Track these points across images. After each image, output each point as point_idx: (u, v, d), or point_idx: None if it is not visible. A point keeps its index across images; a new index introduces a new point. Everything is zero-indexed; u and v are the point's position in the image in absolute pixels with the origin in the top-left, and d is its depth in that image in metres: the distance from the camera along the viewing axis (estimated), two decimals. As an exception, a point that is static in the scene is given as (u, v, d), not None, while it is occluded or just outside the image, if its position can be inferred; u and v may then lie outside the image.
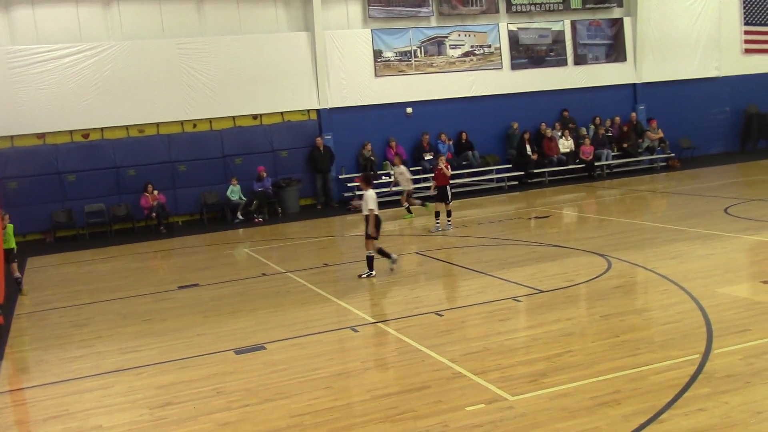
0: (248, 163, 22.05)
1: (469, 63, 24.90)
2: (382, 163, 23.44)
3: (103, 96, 20.73)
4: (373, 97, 23.65)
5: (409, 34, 24.09)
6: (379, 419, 6.54)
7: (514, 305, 10.08)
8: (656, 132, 26.32)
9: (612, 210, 18.69)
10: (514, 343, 8.40)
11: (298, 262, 14.30)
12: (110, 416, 7.19)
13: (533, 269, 12.09)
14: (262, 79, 22.31)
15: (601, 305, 9.71)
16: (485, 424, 6.25)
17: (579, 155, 24.91)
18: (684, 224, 14.91)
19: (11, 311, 12.12)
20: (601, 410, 6.34)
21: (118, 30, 21.09)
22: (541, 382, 7.07)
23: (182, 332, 10.24)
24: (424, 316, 9.80)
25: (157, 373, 8.37)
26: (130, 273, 15.10)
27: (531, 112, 25.34)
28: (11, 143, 20.27)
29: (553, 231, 15.99)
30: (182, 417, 7.00)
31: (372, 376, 7.76)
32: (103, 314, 11.49)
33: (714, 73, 28.37)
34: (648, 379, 6.95)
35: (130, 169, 21.07)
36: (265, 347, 8.98)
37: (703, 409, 6.20)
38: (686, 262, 11.74)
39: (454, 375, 7.49)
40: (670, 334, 8.27)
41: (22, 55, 20.01)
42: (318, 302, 11.17)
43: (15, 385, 8.65)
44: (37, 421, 7.38)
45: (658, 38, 27.35)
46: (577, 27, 26.27)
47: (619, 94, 27.13)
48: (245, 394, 7.45)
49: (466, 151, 24.23)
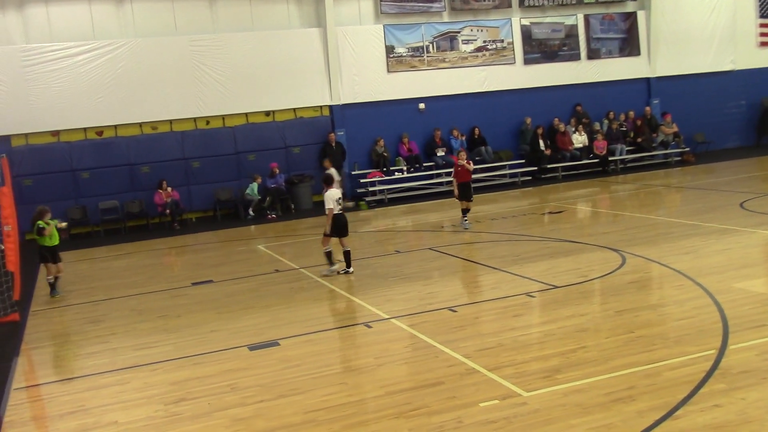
0: (261, 159, 22.09)
1: (481, 58, 24.81)
2: (394, 158, 23.42)
3: (117, 93, 20.83)
4: (385, 93, 23.62)
5: (421, 29, 24.04)
6: (393, 415, 6.54)
7: (528, 301, 10.05)
8: (671, 126, 26.13)
9: (626, 205, 18.58)
10: (528, 339, 8.37)
11: (311, 258, 14.32)
12: (126, 412, 7.23)
13: (547, 265, 12.05)
14: (274, 75, 22.33)
15: (615, 301, 9.67)
16: (499, 420, 6.24)
17: (593, 150, 24.78)
18: (699, 219, 14.82)
19: (27, 308, 12.22)
20: (615, 406, 6.31)
21: (131, 27, 21.17)
22: (555, 378, 7.05)
23: (196, 328, 10.28)
24: (437, 312, 9.79)
25: (171, 369, 8.41)
26: (144, 269, 15.18)
27: (544, 107, 25.22)
28: (26, 141, 20.41)
29: (566, 226, 15.93)
30: (197, 413, 7.03)
31: (385, 372, 7.75)
32: (118, 311, 11.55)
33: (729, 66, 28.13)
34: (663, 375, 6.91)
35: (144, 166, 21.16)
36: (278, 343, 9.00)
37: (719, 405, 6.16)
38: (702, 257, 11.66)
39: (468, 371, 7.48)
40: (686, 329, 8.22)
41: (36, 53, 20.14)
42: (331, 298, 11.18)
43: (31, 381, 8.71)
44: (53, 416, 7.43)
45: (673, 32, 27.14)
46: (591, 21, 26.10)
47: (633, 88, 26.96)
48: (259, 390, 7.47)
49: (479, 146, 24.16)
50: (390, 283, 11.74)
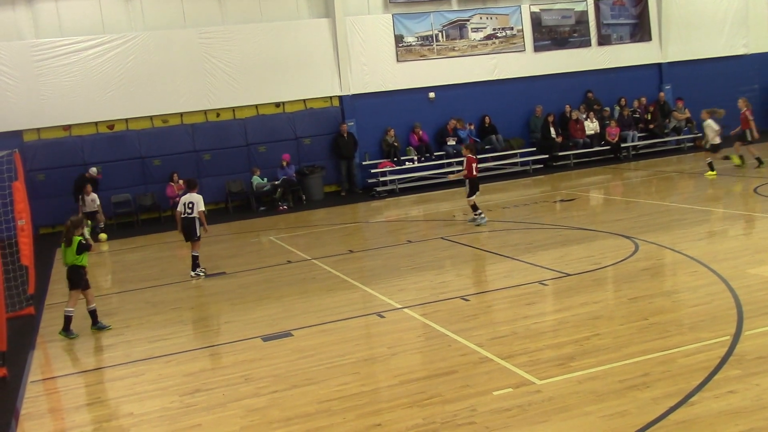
0: (272, 151, 22.11)
1: (491, 46, 24.69)
2: (405, 148, 23.38)
3: (127, 87, 20.90)
4: (395, 83, 23.56)
5: (430, 18, 23.93)
6: (407, 404, 6.55)
7: (541, 289, 10.02)
8: (683, 112, 25.95)
9: (639, 192, 18.48)
10: (541, 327, 8.35)
11: (323, 249, 14.34)
12: (141, 403, 7.28)
13: (559, 252, 12.01)
14: (283, 66, 22.31)
15: (628, 288, 9.63)
16: (513, 408, 6.24)
17: (605, 137, 24.64)
18: (712, 205, 14.72)
19: (42, 302, 12.30)
20: (630, 393, 6.29)
21: (140, 21, 21.20)
22: (569, 366, 7.03)
23: (210, 320, 10.34)
24: (450, 301, 9.79)
25: (185, 361, 8.45)
26: (157, 262, 15.25)
27: (555, 94, 25.08)
28: (38, 135, 20.52)
29: (579, 214, 15.86)
30: (211, 404, 7.06)
31: (399, 361, 7.76)
32: (132, 303, 11.62)
33: (742, 50, 27.88)
34: (677, 362, 6.88)
35: (156, 159, 21.24)
36: (292, 334, 9.03)
37: (734, 392, 6.13)
38: (715, 243, 11.59)
39: (482, 359, 7.48)
40: (700, 315, 8.18)
41: (46, 48, 20.22)
42: (344, 288, 11.19)
43: (47, 374, 8.78)
44: (69, 409, 7.49)
45: (684, 16, 26.90)
46: (601, 7, 25.90)
47: (645, 74, 26.77)
48: (273, 380, 7.50)
49: (490, 135, 24.06)
50: (402, 273, 11.74)
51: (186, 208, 12.94)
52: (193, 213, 12.91)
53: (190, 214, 12.92)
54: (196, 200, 12.98)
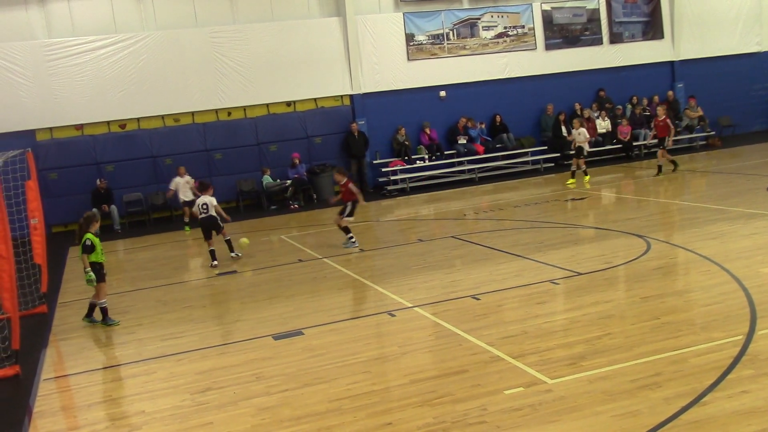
0: (282, 150, 22.14)
1: (502, 44, 24.63)
2: (416, 147, 23.36)
3: (139, 86, 20.98)
4: (405, 82, 23.55)
5: (441, 16, 23.90)
6: (417, 403, 6.55)
7: (552, 288, 9.99)
8: (695, 110, 25.80)
9: (650, 190, 18.39)
10: (552, 326, 8.33)
11: (333, 247, 14.35)
12: (153, 401, 7.31)
13: (571, 251, 11.98)
14: (294, 65, 22.34)
15: (640, 287, 9.58)
16: (524, 408, 6.22)
17: (616, 135, 24.52)
18: (725, 204, 14.62)
19: (54, 300, 12.37)
20: (641, 393, 6.27)
21: (151, 20, 21.28)
22: (580, 365, 7.01)
23: (221, 318, 10.37)
24: (460, 300, 9.78)
25: (197, 359, 8.48)
26: (169, 261, 15.31)
27: (566, 92, 24.99)
28: (50, 135, 20.64)
29: (590, 213, 15.80)
30: (223, 402, 7.08)
31: (409, 360, 7.76)
32: (144, 301, 11.67)
33: (755, 48, 27.68)
34: (689, 362, 6.85)
35: (167, 158, 21.30)
36: (303, 333, 9.04)
37: (747, 392, 6.09)
38: (728, 242, 11.52)
39: (492, 359, 7.46)
40: (712, 315, 8.13)
41: (58, 47, 20.33)
42: (354, 287, 11.20)
43: (60, 372, 8.83)
44: (82, 406, 7.53)
45: (697, 14, 26.74)
46: (612, 4, 25.78)
47: (657, 72, 26.63)
48: (284, 379, 7.51)
49: (501, 133, 24.02)
50: (413, 272, 11.73)
51: (201, 210, 13.80)
52: (209, 212, 13.76)
53: (207, 213, 13.77)
54: (209, 202, 13.80)
